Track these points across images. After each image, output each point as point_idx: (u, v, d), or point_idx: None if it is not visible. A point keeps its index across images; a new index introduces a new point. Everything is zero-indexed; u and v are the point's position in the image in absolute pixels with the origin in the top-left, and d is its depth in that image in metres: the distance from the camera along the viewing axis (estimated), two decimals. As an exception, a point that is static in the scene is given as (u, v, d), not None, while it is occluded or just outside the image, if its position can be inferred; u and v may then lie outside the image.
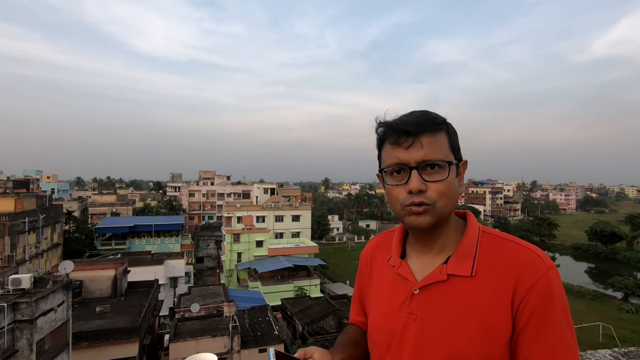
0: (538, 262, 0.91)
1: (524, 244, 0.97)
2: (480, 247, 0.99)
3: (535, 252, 0.94)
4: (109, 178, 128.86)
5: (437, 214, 0.95)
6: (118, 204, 50.53)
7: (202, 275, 42.00)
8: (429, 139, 0.94)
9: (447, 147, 0.97)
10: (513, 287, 0.90)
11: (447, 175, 0.94)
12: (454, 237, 1.03)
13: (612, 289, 38.28)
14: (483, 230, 1.04)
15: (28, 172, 62.53)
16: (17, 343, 9.78)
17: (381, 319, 1.08)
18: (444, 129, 0.98)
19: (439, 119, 0.98)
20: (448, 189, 0.94)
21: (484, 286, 0.93)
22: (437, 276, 0.98)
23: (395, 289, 1.07)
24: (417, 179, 0.93)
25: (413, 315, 0.99)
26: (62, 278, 12.15)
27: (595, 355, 2.20)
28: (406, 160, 0.95)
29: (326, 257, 45.12)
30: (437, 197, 0.94)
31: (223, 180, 69.86)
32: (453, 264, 0.98)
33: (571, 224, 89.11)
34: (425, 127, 0.94)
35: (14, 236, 23.60)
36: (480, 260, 0.96)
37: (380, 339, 1.06)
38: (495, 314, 0.90)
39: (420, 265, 1.05)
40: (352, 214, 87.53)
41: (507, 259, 0.94)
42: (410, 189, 0.93)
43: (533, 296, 0.88)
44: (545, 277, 0.89)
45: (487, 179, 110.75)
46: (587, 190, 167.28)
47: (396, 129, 0.96)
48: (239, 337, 16.72)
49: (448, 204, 0.95)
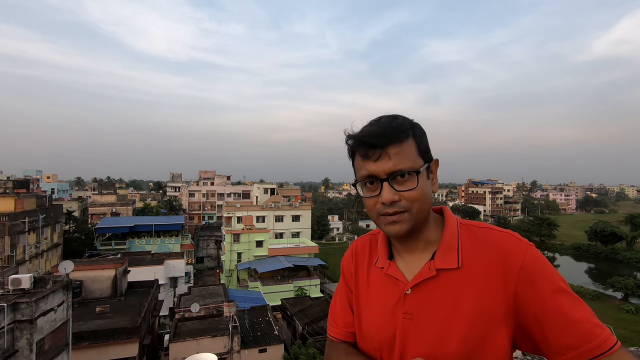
0: (517, 244, 0.97)
1: (500, 229, 1.02)
2: (462, 239, 1.02)
3: (512, 234, 0.99)
4: (109, 178, 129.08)
5: (412, 220, 0.98)
6: (118, 204, 50.55)
7: (202, 275, 42.00)
8: (396, 149, 0.96)
9: (415, 153, 0.98)
10: (502, 272, 0.94)
11: (416, 183, 0.96)
12: (435, 233, 1.06)
13: (612, 289, 38.26)
14: (460, 222, 1.08)
15: (28, 172, 62.50)
16: (17, 343, 9.77)
17: (376, 323, 1.07)
18: (410, 134, 0.99)
19: (404, 126, 0.98)
20: (420, 194, 0.96)
21: (472, 275, 0.97)
22: (426, 273, 1.00)
23: (386, 291, 1.07)
24: (389, 191, 0.96)
25: (408, 315, 1.00)
26: (62, 278, 12.14)
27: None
28: (376, 172, 0.97)
29: (326, 257, 45.08)
30: (411, 204, 0.96)
31: (223, 180, 69.87)
32: (439, 258, 1.01)
33: (571, 224, 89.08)
34: (391, 138, 0.96)
35: (14, 236, 23.59)
36: (463, 251, 1.00)
37: (378, 343, 1.05)
38: (488, 300, 0.93)
39: (408, 265, 1.07)
40: (352, 214, 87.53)
41: (488, 246, 0.98)
42: (383, 200, 0.96)
43: (525, 273, 0.92)
44: (527, 254, 0.94)
45: (487, 179, 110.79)
46: (587, 190, 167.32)
47: (363, 142, 0.98)
48: (239, 337, 16.73)
49: (422, 208, 0.98)
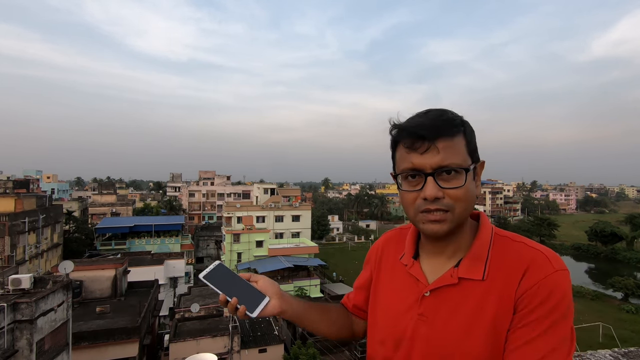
0: (545, 264, 0.87)
1: (536, 245, 0.93)
2: (493, 250, 0.95)
3: (545, 253, 0.89)
4: (109, 178, 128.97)
5: (454, 221, 0.91)
6: (118, 204, 50.49)
7: (202, 276, 42.00)
8: (446, 144, 0.88)
9: (465, 150, 0.91)
10: (516, 287, 0.87)
11: (464, 182, 0.89)
12: (467, 239, 1.00)
13: (612, 289, 38.21)
14: (496, 232, 1.00)
15: (28, 172, 62.40)
16: (17, 343, 9.77)
17: (390, 317, 1.06)
18: (462, 130, 0.92)
19: (456, 121, 0.92)
20: (465, 194, 0.90)
21: (493, 289, 0.90)
22: (448, 279, 0.96)
23: (406, 289, 1.05)
24: (433, 186, 0.89)
25: (423, 317, 0.97)
26: (62, 278, 12.15)
27: (595, 356, 2.20)
28: (421, 165, 0.89)
29: (326, 257, 45.08)
30: (455, 203, 0.89)
31: (223, 180, 69.83)
32: (465, 267, 0.95)
33: (571, 224, 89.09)
34: (442, 131, 0.88)
35: (14, 236, 23.58)
36: (492, 264, 0.93)
37: (388, 337, 1.04)
38: (503, 316, 0.87)
39: (432, 267, 1.03)
40: (352, 214, 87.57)
41: (516, 261, 0.90)
42: (426, 196, 0.89)
43: (532, 293, 0.84)
44: (549, 279, 0.84)
45: (487, 179, 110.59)
46: (587, 191, 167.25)
47: (411, 132, 0.90)
48: (238, 337, 16.74)
49: (466, 209, 0.91)
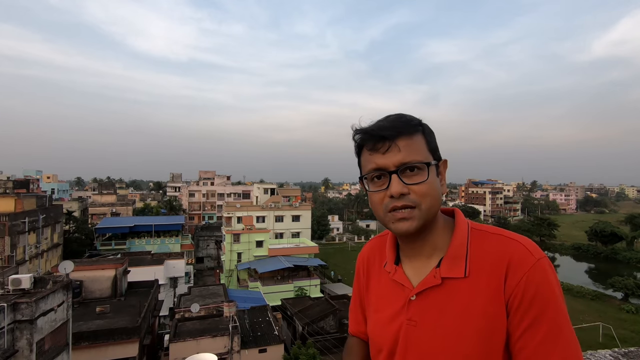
0: (525, 255, 0.90)
1: (513, 235, 0.96)
2: (471, 245, 0.98)
3: (523, 243, 0.93)
4: (109, 178, 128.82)
5: (423, 217, 0.94)
6: (118, 204, 50.54)
7: (202, 276, 41.97)
8: (406, 142, 0.94)
9: (425, 148, 0.97)
10: (503, 283, 0.90)
11: (427, 177, 0.94)
12: (444, 237, 1.02)
13: (612, 289, 38.24)
14: (472, 226, 1.03)
15: (28, 172, 62.39)
16: (17, 343, 9.77)
17: (381, 326, 1.08)
18: (420, 130, 0.98)
19: (414, 121, 0.99)
20: (430, 189, 0.94)
21: (477, 286, 0.92)
22: (431, 281, 0.98)
23: (393, 296, 1.07)
24: (398, 183, 0.93)
25: (412, 322, 0.99)
26: (62, 278, 12.15)
27: (595, 356, 2.20)
28: (385, 165, 0.95)
29: (326, 257, 45.11)
30: (420, 198, 0.93)
31: (223, 180, 69.83)
32: (446, 266, 0.97)
33: (571, 224, 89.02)
34: (401, 130, 0.95)
35: (14, 236, 23.60)
36: (472, 259, 0.95)
37: (383, 346, 1.06)
38: (491, 312, 0.90)
39: (414, 270, 1.05)
40: (352, 214, 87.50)
41: (496, 254, 0.93)
42: (392, 193, 0.93)
43: (521, 290, 0.87)
44: (532, 270, 0.88)
45: (487, 179, 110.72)
46: (587, 191, 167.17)
47: (372, 134, 0.96)
48: (239, 337, 16.72)
49: (432, 204, 0.95)
